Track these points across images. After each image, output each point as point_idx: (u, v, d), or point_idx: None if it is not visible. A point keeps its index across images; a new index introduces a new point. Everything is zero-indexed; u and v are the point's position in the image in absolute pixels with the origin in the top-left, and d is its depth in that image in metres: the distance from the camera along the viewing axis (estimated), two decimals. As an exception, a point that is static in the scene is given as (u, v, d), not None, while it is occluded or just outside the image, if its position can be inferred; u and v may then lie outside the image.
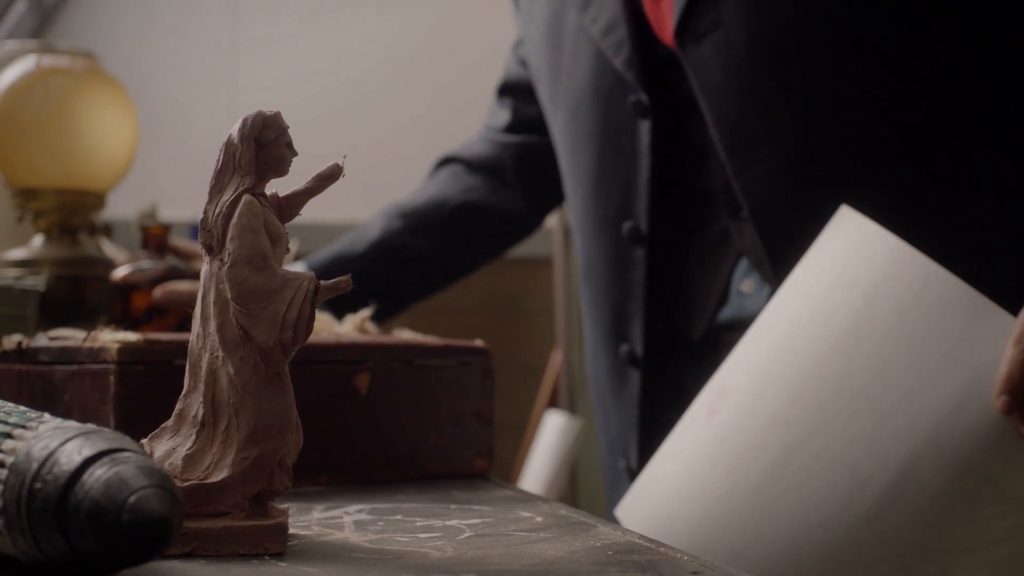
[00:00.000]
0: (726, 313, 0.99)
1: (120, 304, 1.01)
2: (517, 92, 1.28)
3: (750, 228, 0.95)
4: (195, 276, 0.99)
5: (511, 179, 1.29)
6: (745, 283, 0.98)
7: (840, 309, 0.79)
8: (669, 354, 1.03)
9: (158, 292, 0.96)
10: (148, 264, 1.02)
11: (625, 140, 1.03)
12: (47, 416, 0.46)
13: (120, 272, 1.01)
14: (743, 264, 0.98)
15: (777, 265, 0.92)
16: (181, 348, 0.69)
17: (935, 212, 0.90)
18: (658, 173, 1.01)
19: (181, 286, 0.96)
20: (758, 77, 0.93)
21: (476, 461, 0.83)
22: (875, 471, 0.74)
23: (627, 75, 1.01)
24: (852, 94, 0.92)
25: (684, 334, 1.02)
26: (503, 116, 1.30)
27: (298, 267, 1.26)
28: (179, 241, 1.09)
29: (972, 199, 0.90)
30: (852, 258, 0.81)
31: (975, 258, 0.84)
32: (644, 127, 1.01)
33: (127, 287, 1.01)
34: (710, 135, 0.96)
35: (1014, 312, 0.75)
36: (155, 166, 2.12)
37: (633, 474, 1.05)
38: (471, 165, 1.30)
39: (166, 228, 1.05)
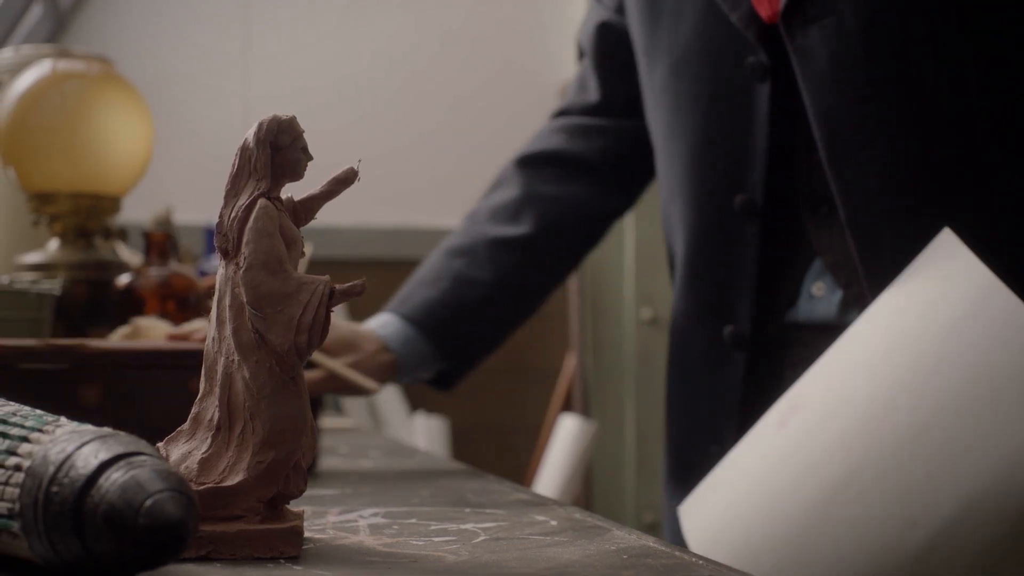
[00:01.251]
0: (794, 314, 0.94)
1: (127, 310, 1.01)
2: (602, 55, 1.13)
3: (834, 229, 0.89)
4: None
5: (608, 174, 1.15)
6: (816, 286, 0.92)
7: (920, 340, 0.76)
8: (775, 337, 0.96)
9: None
10: (154, 271, 1.02)
11: (739, 104, 0.93)
12: (63, 420, 0.46)
13: (124, 279, 1.01)
14: (816, 265, 0.92)
15: (870, 273, 0.86)
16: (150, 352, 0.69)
17: None
18: (775, 143, 0.92)
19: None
20: (870, 71, 0.85)
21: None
22: (928, 511, 0.70)
23: (746, 32, 0.91)
24: (972, 100, 0.85)
25: (759, 329, 0.96)
26: (592, 93, 1.15)
27: (387, 321, 1.07)
28: None
29: None
30: (943, 287, 0.77)
31: None
32: (763, 92, 0.91)
33: (132, 293, 1.01)
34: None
35: None
36: (169, 170, 2.12)
37: None
38: (566, 168, 1.14)
39: (168, 235, 1.05)
